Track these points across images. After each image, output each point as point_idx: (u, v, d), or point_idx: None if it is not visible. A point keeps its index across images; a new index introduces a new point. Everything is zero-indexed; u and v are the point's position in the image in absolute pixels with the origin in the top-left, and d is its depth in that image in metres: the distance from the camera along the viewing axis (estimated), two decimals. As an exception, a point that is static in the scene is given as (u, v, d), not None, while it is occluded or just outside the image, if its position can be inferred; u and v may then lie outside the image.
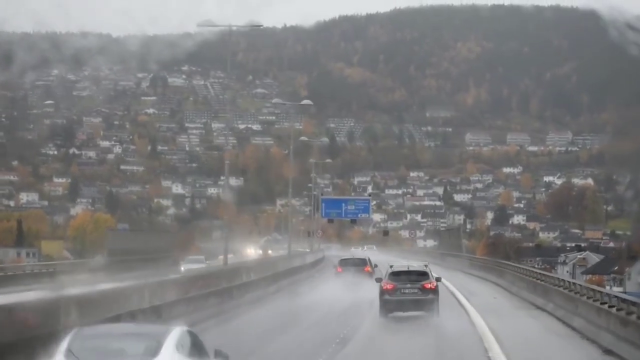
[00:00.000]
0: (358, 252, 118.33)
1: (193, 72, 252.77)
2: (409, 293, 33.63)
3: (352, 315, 35.46)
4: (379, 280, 35.76)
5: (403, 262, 46.41)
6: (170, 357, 13.24)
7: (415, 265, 38.44)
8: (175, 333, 13.74)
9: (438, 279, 35.42)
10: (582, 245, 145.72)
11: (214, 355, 14.59)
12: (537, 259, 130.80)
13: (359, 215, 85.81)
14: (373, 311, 36.08)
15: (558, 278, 38.94)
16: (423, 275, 34.46)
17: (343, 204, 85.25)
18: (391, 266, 36.47)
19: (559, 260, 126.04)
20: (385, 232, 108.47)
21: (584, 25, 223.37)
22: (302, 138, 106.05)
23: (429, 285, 33.81)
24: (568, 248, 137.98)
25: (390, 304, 33.75)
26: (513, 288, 48.43)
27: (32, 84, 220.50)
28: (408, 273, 34.78)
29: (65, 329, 15.78)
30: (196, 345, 14.09)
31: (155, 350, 13.22)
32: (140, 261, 65.33)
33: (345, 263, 55.88)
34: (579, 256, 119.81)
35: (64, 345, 13.46)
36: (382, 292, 34.08)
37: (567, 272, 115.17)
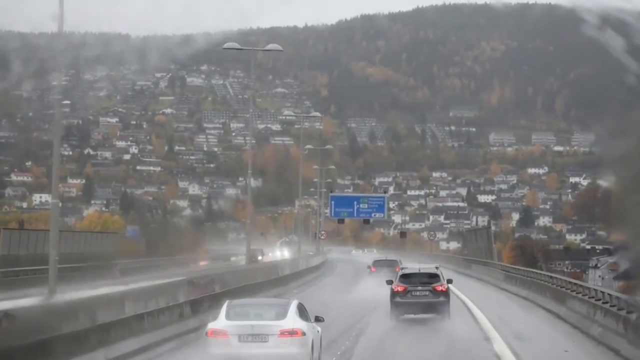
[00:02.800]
0: (359, 254, 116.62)
1: (212, 72, 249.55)
2: (420, 295, 33.24)
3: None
4: (389, 282, 34.80)
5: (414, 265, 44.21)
6: (293, 319, 19.70)
7: (426, 267, 36.92)
8: (295, 303, 20.44)
9: (449, 281, 34.36)
10: (612, 248, 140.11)
11: (314, 319, 20.82)
12: (567, 262, 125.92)
13: (373, 214, 77.25)
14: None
15: None
16: (434, 277, 33.69)
17: (355, 202, 76.03)
18: (402, 268, 36.51)
19: (590, 264, 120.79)
20: (403, 234, 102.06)
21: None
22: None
23: (440, 288, 33.21)
24: (598, 251, 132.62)
25: (401, 306, 33.43)
26: (593, 328, 27.93)
27: (48, 83, 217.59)
28: (419, 275, 34.05)
29: None
30: (304, 312, 20.45)
31: (283, 314, 19.82)
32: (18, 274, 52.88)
33: (378, 264, 60.59)
34: (610, 260, 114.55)
35: (223, 311, 19.99)
36: (393, 294, 33.70)
37: (599, 276, 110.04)
